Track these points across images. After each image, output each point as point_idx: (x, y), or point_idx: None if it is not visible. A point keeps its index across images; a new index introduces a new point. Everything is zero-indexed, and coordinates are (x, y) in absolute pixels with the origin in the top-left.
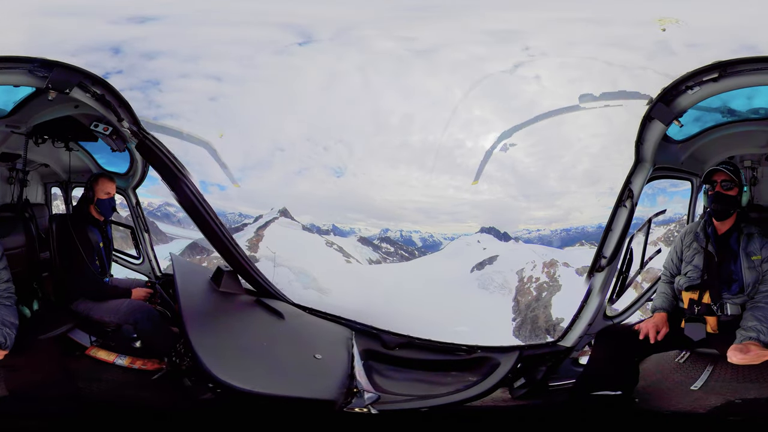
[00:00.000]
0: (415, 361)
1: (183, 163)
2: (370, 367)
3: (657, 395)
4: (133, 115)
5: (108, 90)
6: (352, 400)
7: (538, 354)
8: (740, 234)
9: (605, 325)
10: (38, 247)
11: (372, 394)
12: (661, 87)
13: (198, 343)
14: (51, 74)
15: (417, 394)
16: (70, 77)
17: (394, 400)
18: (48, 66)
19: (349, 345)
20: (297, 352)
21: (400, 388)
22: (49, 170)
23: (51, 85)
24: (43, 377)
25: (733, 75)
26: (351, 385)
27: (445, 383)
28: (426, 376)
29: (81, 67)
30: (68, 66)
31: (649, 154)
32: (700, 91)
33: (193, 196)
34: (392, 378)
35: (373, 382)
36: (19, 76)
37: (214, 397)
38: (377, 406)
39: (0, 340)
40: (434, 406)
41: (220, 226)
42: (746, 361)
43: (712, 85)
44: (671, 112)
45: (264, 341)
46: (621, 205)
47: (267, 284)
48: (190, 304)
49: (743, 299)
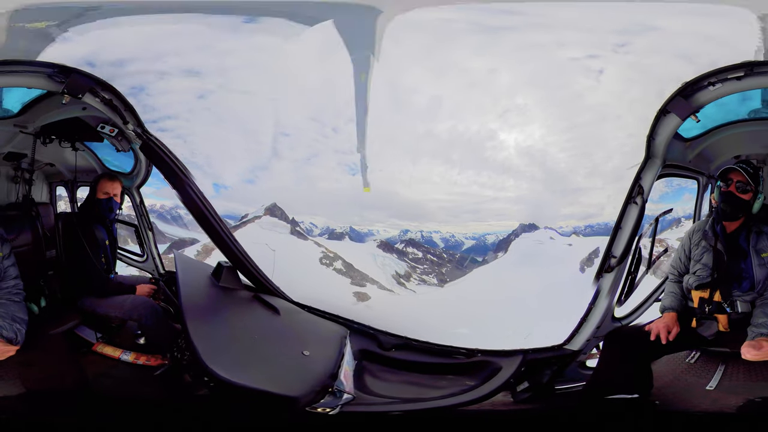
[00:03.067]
0: (412, 363)
1: (191, 164)
2: (363, 368)
3: (675, 397)
4: (138, 118)
5: (115, 95)
6: (323, 399)
7: (543, 358)
8: (749, 232)
9: (613, 328)
10: (44, 246)
11: (348, 395)
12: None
13: (195, 333)
14: (68, 80)
15: (405, 396)
16: (84, 83)
17: (371, 402)
18: (66, 72)
19: (342, 344)
20: (285, 347)
21: (389, 390)
22: (54, 169)
23: (67, 90)
24: (55, 372)
25: (758, 75)
26: (328, 385)
27: (439, 387)
28: (420, 378)
29: (93, 75)
30: (83, 73)
31: (661, 150)
32: (722, 88)
33: (195, 194)
34: (384, 380)
35: (363, 384)
36: (37, 79)
37: (209, 393)
38: (349, 408)
39: (11, 336)
40: (413, 410)
41: (220, 223)
42: (760, 357)
43: (734, 83)
44: (690, 106)
45: (255, 335)
46: (631, 201)
47: (266, 281)
48: (190, 297)
49: (753, 296)
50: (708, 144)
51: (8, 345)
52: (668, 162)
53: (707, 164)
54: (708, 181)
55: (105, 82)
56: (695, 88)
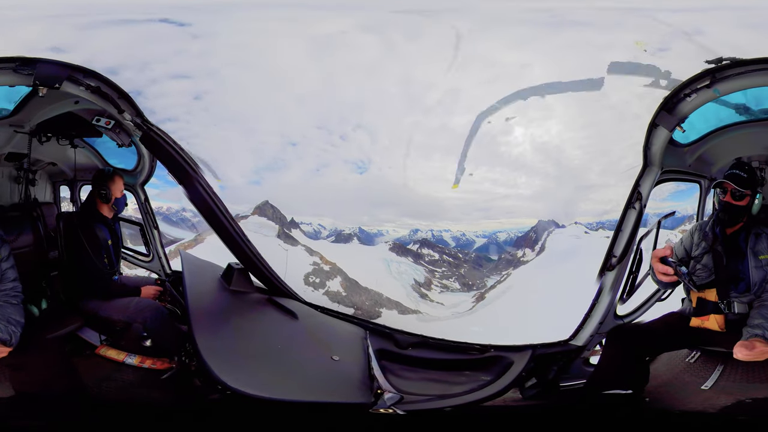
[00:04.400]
0: (428, 360)
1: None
2: (384, 367)
3: (667, 394)
4: (135, 107)
5: (103, 81)
6: (377, 401)
7: (550, 353)
8: (748, 233)
9: (616, 324)
10: (47, 246)
11: (393, 394)
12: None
13: (205, 347)
14: (35, 70)
15: (434, 393)
16: (57, 72)
17: (415, 400)
18: (30, 63)
19: (365, 345)
20: (314, 354)
21: (416, 387)
22: (57, 169)
23: (38, 81)
24: (48, 376)
25: (723, 80)
26: (374, 387)
27: (460, 383)
28: (440, 375)
29: (67, 62)
30: (51, 61)
31: (657, 158)
32: (697, 97)
33: (203, 190)
34: (407, 378)
35: (391, 383)
36: (7, 76)
37: (221, 398)
38: (402, 407)
39: (5, 338)
40: (455, 405)
41: (230, 222)
42: (751, 358)
43: (706, 92)
44: (674, 119)
45: (278, 343)
46: (630, 206)
47: (279, 282)
48: (198, 304)
49: (750, 298)
50: (707, 148)
51: (1, 346)
52: (667, 168)
53: (708, 167)
54: (710, 184)
55: (83, 67)
56: (675, 101)
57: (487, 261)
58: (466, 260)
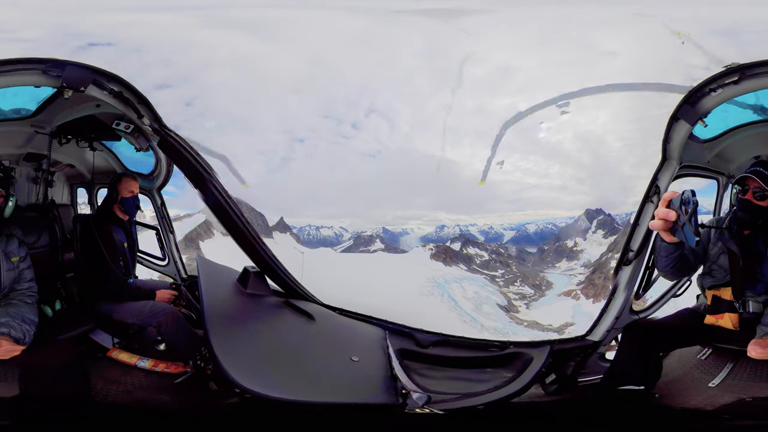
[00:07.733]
0: (450, 359)
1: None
2: (407, 367)
3: (676, 391)
4: (154, 112)
5: (125, 87)
6: (405, 401)
7: (567, 348)
8: (766, 235)
9: (632, 320)
10: (63, 248)
11: (421, 394)
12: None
13: (222, 350)
14: (64, 73)
15: (461, 392)
16: (83, 75)
17: (444, 399)
18: (60, 65)
19: (385, 345)
20: (333, 355)
21: (441, 386)
22: (75, 171)
23: (65, 84)
24: (56, 377)
25: (752, 77)
26: (398, 387)
27: (484, 380)
28: (463, 373)
29: (94, 65)
30: (80, 65)
31: (676, 152)
32: (723, 92)
33: (219, 194)
34: (430, 377)
35: (414, 382)
36: (34, 76)
37: (240, 402)
38: (436, 406)
39: (19, 336)
40: (487, 402)
41: (246, 226)
42: (765, 356)
43: (733, 87)
44: (696, 113)
45: (296, 345)
46: (648, 200)
47: (296, 285)
48: (214, 308)
49: (765, 298)
50: (726, 145)
51: (15, 345)
52: (685, 163)
53: (726, 164)
54: (728, 181)
55: (108, 72)
56: (699, 95)
57: (527, 254)
58: (509, 256)
